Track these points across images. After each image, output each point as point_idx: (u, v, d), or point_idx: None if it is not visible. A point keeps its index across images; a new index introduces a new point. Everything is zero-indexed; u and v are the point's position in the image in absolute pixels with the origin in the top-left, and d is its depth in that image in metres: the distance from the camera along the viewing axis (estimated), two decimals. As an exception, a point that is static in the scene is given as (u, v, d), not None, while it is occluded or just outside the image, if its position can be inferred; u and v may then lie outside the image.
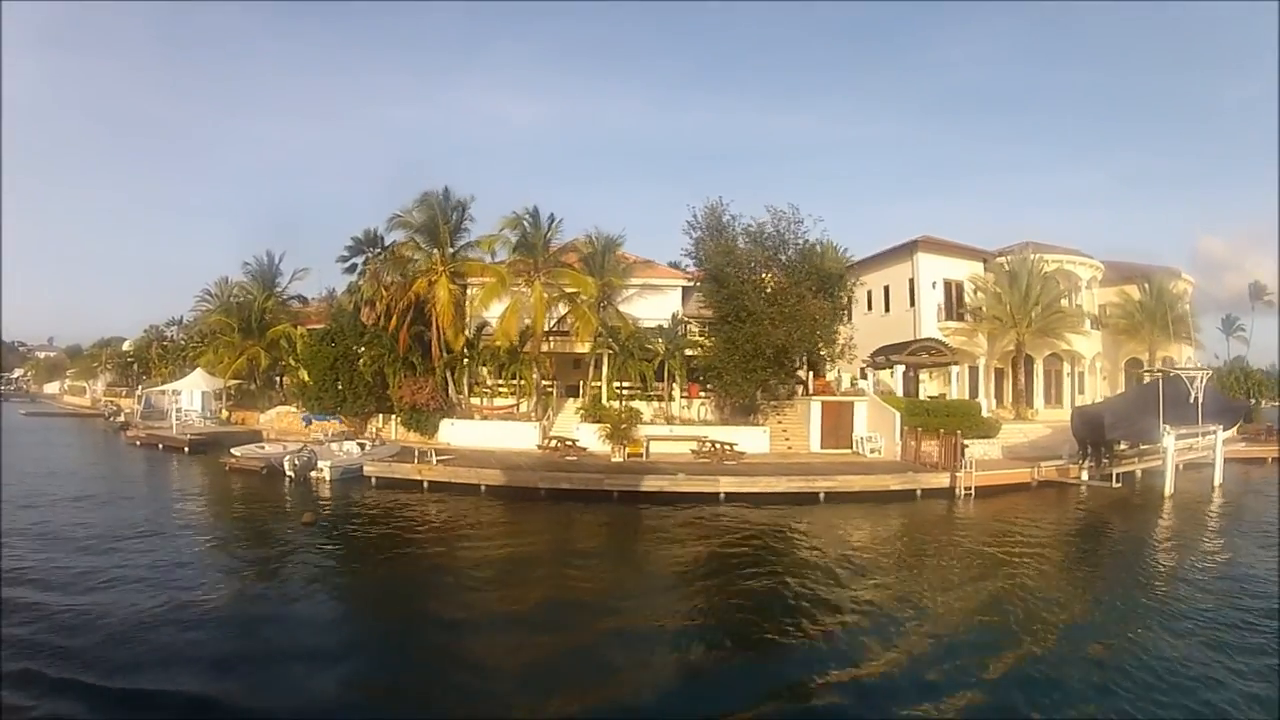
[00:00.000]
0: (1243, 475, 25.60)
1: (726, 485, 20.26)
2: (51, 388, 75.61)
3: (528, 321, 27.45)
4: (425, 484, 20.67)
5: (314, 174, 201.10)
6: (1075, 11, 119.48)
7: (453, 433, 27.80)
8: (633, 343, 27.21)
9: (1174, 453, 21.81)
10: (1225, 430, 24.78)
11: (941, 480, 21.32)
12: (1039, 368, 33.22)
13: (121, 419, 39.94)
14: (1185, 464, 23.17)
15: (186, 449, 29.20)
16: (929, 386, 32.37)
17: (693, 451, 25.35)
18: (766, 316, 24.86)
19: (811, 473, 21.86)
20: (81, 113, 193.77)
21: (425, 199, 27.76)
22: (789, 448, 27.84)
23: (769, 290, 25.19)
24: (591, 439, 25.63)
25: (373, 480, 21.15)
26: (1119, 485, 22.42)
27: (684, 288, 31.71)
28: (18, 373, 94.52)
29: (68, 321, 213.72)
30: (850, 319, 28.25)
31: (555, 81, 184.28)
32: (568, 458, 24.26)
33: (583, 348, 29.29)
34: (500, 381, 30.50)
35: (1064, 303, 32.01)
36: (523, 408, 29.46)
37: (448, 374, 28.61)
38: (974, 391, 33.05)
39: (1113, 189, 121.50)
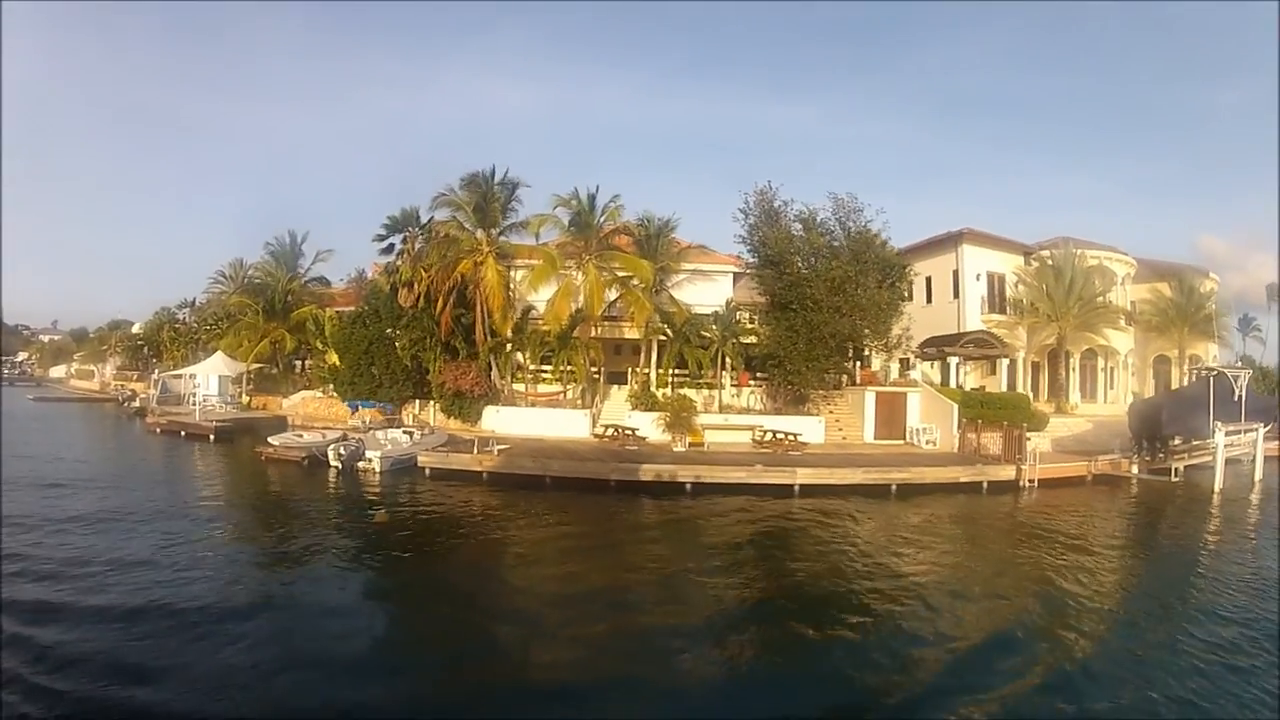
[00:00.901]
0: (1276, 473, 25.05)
1: (803, 477, 18.94)
2: (57, 371, 71.11)
3: (577, 305, 25.69)
4: (485, 475, 18.80)
5: (310, 159, 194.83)
6: (1069, 13, 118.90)
7: (498, 420, 25.92)
8: (690, 329, 25.60)
9: (1223, 449, 21.24)
10: (1265, 427, 24.36)
11: (1007, 473, 20.45)
12: (1075, 362, 32.38)
13: (137, 404, 37.04)
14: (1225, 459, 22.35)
15: (212, 437, 26.66)
16: (968, 379, 31.33)
17: (755, 441, 23.93)
18: (832, 305, 23.47)
19: (876, 464, 20.69)
20: (76, 96, 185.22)
21: (473, 178, 25.73)
22: (844, 438, 26.51)
23: (835, 278, 23.72)
24: (648, 428, 24.07)
25: (426, 471, 19.05)
26: (1177, 479, 21.79)
27: (734, 274, 30.16)
28: (21, 356, 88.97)
29: (69, 304, 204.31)
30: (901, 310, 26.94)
31: (549, 70, 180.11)
32: (628, 447, 22.60)
33: (633, 333, 27.61)
34: (544, 367, 28.64)
35: (1102, 298, 31.09)
36: (569, 395, 27.71)
37: (491, 359, 26.72)
38: (1011, 385, 31.98)
39: (1107, 189, 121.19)
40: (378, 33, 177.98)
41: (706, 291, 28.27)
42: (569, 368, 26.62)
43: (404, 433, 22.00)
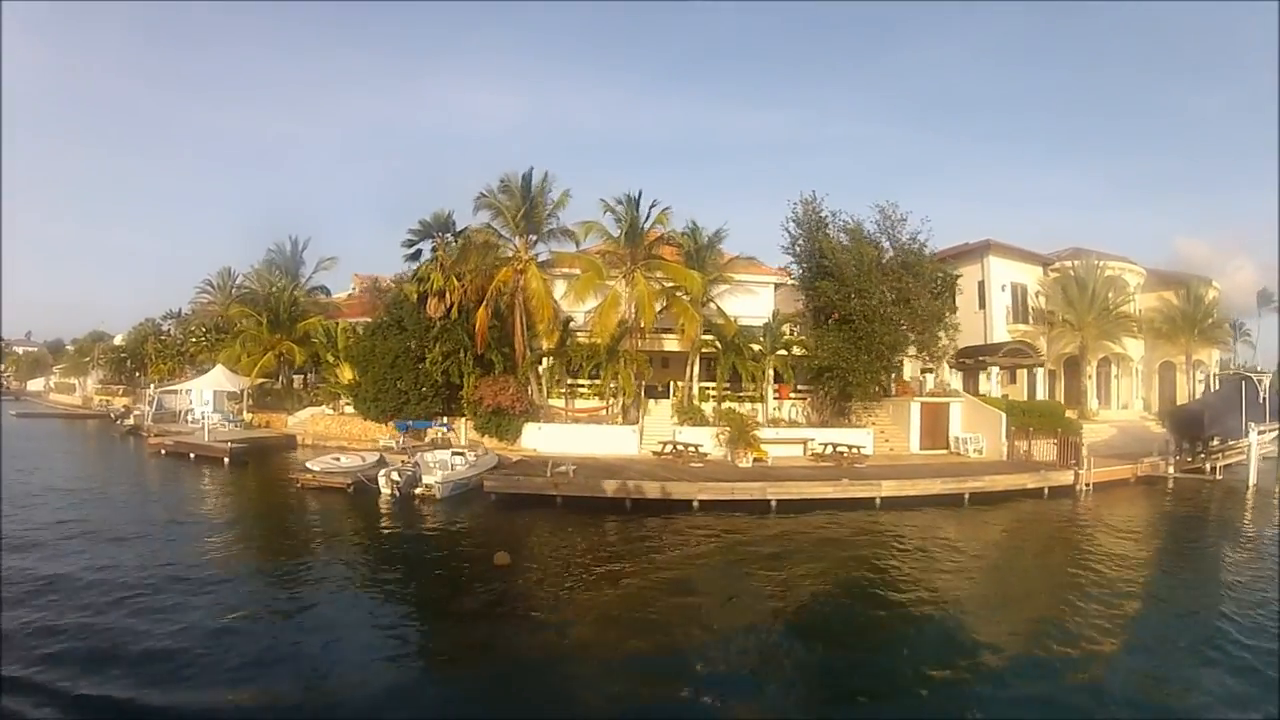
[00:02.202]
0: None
1: (887, 490, 17.77)
2: (35, 385, 64.02)
3: (622, 317, 23.60)
4: (559, 500, 16.43)
5: (291, 165, 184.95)
6: (1049, 15, 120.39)
7: (539, 438, 23.47)
8: (741, 340, 23.85)
9: (1256, 447, 21.73)
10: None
11: (1065, 478, 20.27)
12: (1092, 369, 32.08)
13: (130, 422, 32.73)
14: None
15: (227, 460, 22.59)
16: (996, 388, 30.57)
17: (813, 455, 22.35)
18: (892, 317, 22.23)
19: (947, 474, 19.66)
20: (29, 97, 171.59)
21: (510, 180, 23.39)
22: (891, 449, 25.12)
23: (900, 289, 22.51)
24: (707, 443, 22.14)
25: (492, 497, 16.43)
26: (1220, 477, 22.14)
27: (774, 285, 28.59)
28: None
29: (44, 315, 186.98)
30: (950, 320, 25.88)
31: (528, 76, 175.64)
32: (691, 464, 20.68)
33: (674, 346, 25.68)
34: (582, 381, 26.39)
35: (1122, 308, 30.86)
36: (610, 410, 25.53)
37: (530, 374, 24.37)
38: (1032, 392, 31.54)
39: (1085, 190, 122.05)
40: (358, 38, 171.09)
41: (747, 303, 26.52)
42: (612, 383, 24.40)
43: (453, 454, 19.29)
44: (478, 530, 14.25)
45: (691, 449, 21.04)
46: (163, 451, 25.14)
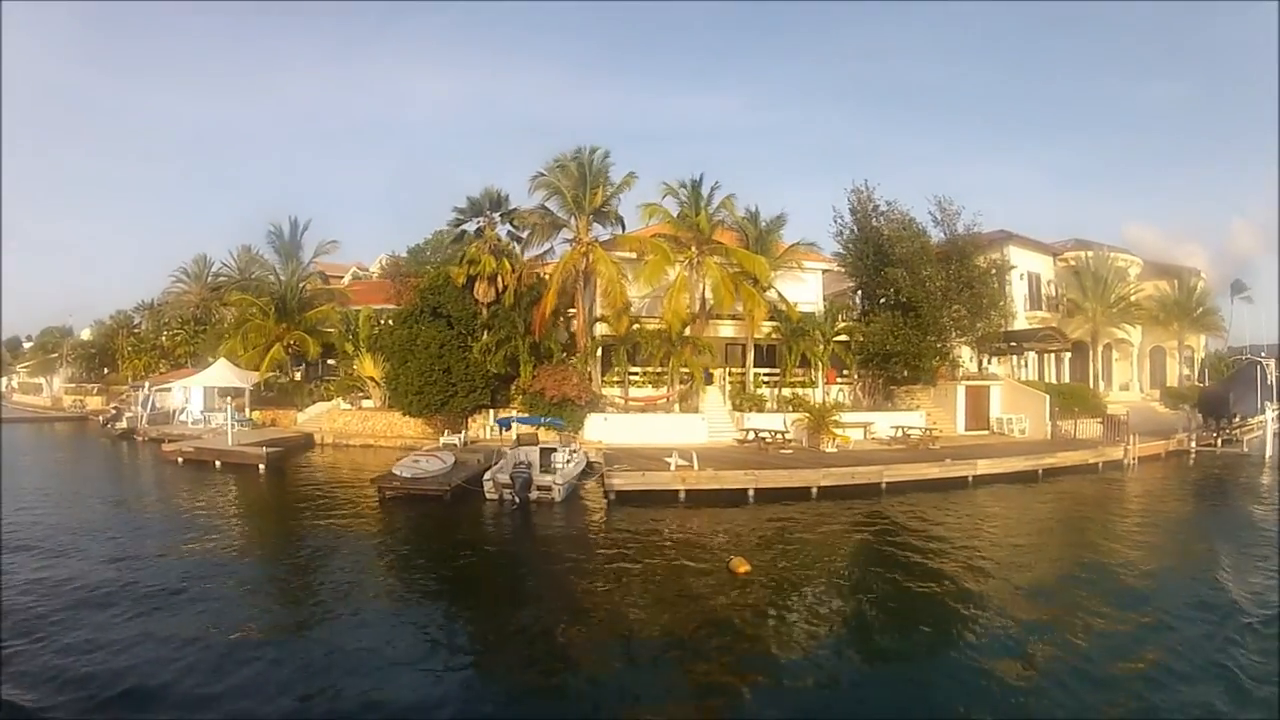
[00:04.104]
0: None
1: (982, 468, 18.53)
2: None
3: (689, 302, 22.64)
4: (682, 495, 15.36)
5: (229, 151, 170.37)
6: (995, 5, 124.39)
7: (605, 429, 22.18)
8: (809, 325, 23.37)
9: (1272, 424, 23.45)
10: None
11: (1116, 453, 21.75)
12: (1098, 353, 33.65)
13: (122, 424, 28.84)
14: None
15: (263, 468, 19.41)
16: (1016, 371, 31.54)
17: (892, 439, 22.27)
18: (957, 301, 22.42)
19: (1003, 454, 20.54)
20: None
21: (575, 156, 21.90)
22: (939, 431, 25.52)
23: (967, 278, 22.72)
24: (780, 430, 21.58)
25: (610, 495, 15.02)
26: (1247, 451, 24.05)
27: (822, 271, 28.21)
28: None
29: None
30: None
31: (463, 63, 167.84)
32: (782, 451, 20.02)
33: (730, 331, 24.93)
34: (637, 369, 25.20)
35: (1128, 297, 32.46)
36: (670, 399, 24.50)
37: (590, 362, 23.04)
38: (1041, 376, 32.83)
39: (1030, 179, 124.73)
40: (284, 15, 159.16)
41: (797, 290, 26.10)
42: (677, 369, 23.34)
43: (544, 450, 17.00)
44: (647, 534, 12.85)
45: (778, 436, 20.39)
46: (180, 460, 21.30)
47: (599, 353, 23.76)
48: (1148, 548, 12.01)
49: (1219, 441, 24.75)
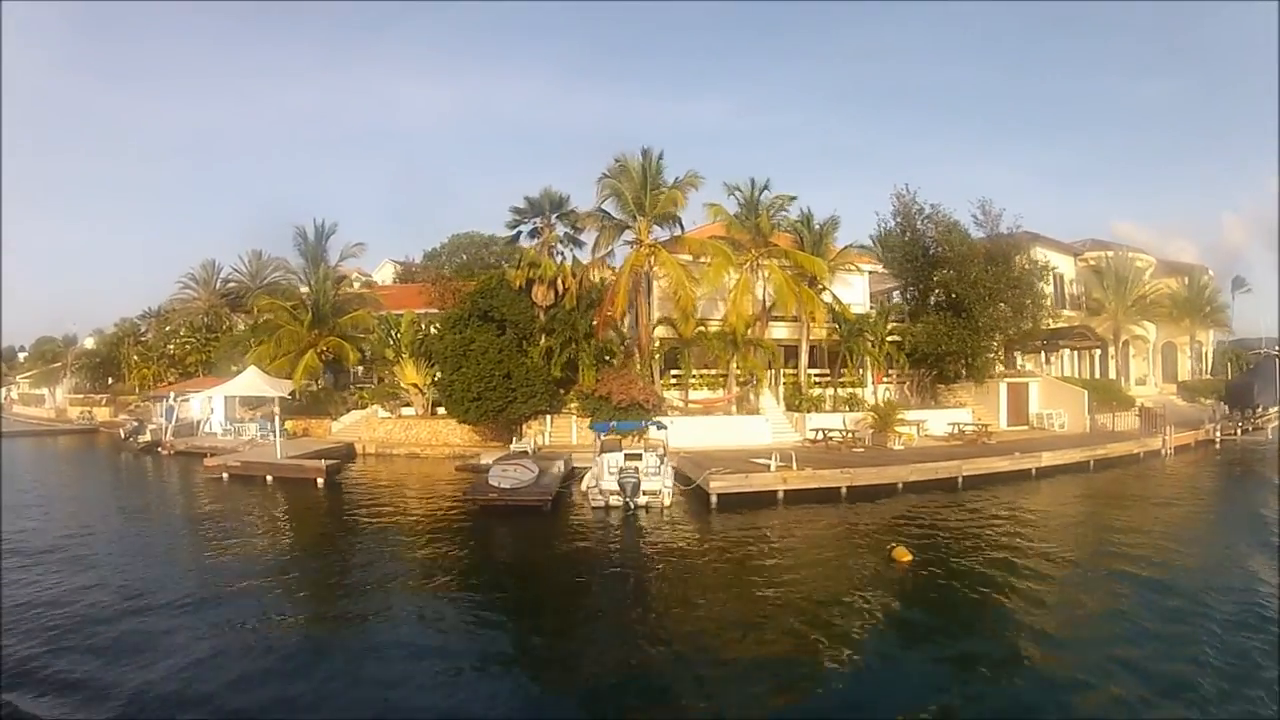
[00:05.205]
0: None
1: (1046, 460, 19.63)
2: None
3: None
4: (780, 495, 15.63)
5: (214, 158, 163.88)
6: (987, 5, 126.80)
7: (666, 432, 22.39)
8: (864, 325, 23.94)
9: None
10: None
11: (1154, 444, 23.27)
12: (1119, 350, 35.10)
13: (146, 437, 27.63)
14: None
15: (321, 482, 18.45)
16: (1049, 369, 32.68)
17: (950, 435, 22.97)
18: (1005, 301, 23.34)
19: (1074, 445, 21.65)
20: None
21: (641, 158, 22.03)
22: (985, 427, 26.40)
23: (1016, 278, 23.65)
24: (841, 429, 22.06)
25: (713, 498, 15.12)
26: (1271, 438, 26.16)
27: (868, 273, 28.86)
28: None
29: None
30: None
31: (450, 70, 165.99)
32: (854, 450, 20.48)
33: (783, 333, 25.35)
34: (687, 371, 25.38)
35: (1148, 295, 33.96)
36: (729, 400, 24.76)
37: (653, 366, 23.16)
38: (1063, 372, 34.10)
39: (1020, 177, 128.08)
40: (274, 26, 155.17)
41: (843, 292, 26.67)
42: (745, 370, 23.65)
43: (629, 454, 16.23)
44: (779, 534, 13.23)
45: (848, 435, 20.86)
46: (225, 476, 20.01)
47: (685, 353, 23.86)
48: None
49: (1239, 431, 26.70)
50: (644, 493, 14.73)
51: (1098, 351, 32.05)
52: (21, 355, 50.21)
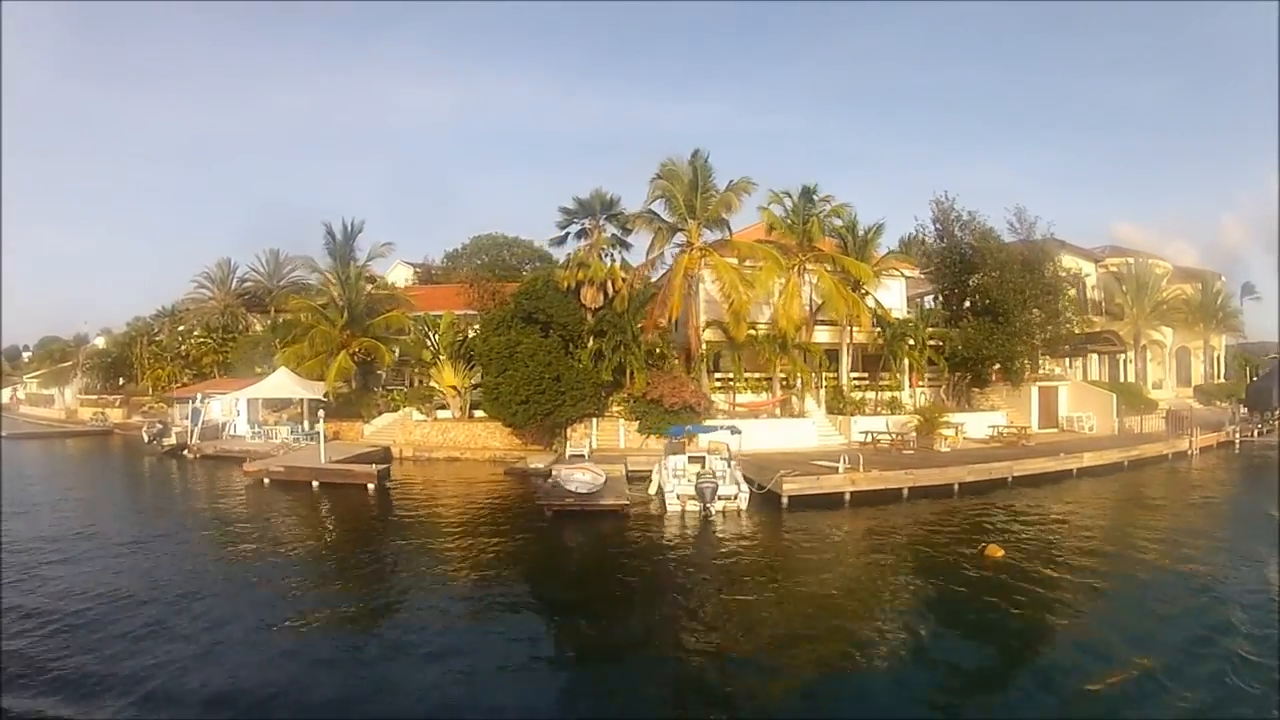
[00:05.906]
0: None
1: (1086, 460, 20.56)
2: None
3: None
4: (847, 496, 16.02)
5: (204, 158, 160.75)
6: (984, 6, 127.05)
7: (739, 437, 22.50)
8: (906, 329, 24.45)
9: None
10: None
11: (1182, 445, 24.53)
12: (1138, 354, 36.10)
13: (171, 440, 27.22)
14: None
15: (372, 487, 18.13)
16: (1075, 373, 33.49)
17: (990, 437, 23.59)
18: (1040, 307, 24.15)
19: (1110, 446, 22.61)
20: None
21: (689, 162, 22.27)
22: (1023, 429, 27.09)
23: (1050, 284, 24.43)
24: (890, 432, 22.54)
25: (784, 501, 15.45)
26: (1258, 439, 27.30)
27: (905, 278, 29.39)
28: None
29: None
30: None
31: (450, 71, 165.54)
32: (905, 452, 20.97)
33: (825, 337, 25.76)
34: (738, 375, 25.64)
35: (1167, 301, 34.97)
36: (773, 404, 25.11)
37: (703, 369, 23.42)
38: (1085, 376, 35.04)
39: (1018, 180, 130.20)
40: (274, 28, 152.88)
41: (884, 296, 27.16)
42: (792, 374, 24.00)
43: (693, 457, 16.61)
44: (860, 534, 13.72)
45: (899, 437, 21.33)
46: (266, 481, 19.74)
47: (736, 357, 24.12)
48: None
49: (1255, 434, 27.69)
50: (719, 497, 14.96)
51: (1121, 356, 32.94)
52: (25, 355, 48.86)
